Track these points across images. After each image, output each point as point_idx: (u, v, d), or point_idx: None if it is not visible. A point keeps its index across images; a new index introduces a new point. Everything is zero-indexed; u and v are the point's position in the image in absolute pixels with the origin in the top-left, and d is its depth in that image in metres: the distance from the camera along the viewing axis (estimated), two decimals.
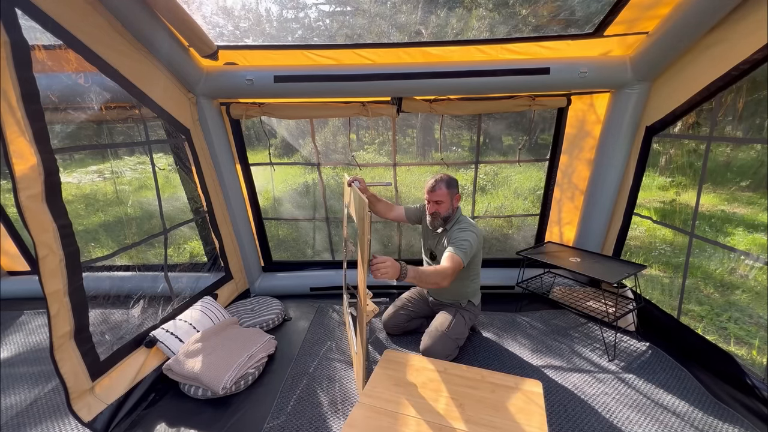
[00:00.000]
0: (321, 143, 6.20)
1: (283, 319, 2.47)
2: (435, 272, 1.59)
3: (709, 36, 1.70)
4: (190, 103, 2.21)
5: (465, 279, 2.01)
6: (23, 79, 1.25)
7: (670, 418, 1.62)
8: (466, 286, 2.04)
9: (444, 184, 1.88)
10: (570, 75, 2.06)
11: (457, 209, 1.98)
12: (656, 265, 3.74)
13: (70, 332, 1.45)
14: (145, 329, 1.92)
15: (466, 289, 2.05)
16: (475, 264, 2.01)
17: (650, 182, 5.40)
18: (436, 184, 1.89)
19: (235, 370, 1.80)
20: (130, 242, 1.99)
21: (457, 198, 1.94)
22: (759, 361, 2.29)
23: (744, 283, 3.22)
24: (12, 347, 2.30)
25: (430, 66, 2.12)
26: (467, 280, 2.02)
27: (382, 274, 1.37)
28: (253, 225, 2.79)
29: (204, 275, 2.53)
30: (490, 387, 1.35)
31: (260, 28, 5.27)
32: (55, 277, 1.38)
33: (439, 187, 1.88)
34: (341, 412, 1.69)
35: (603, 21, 1.83)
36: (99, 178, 6.38)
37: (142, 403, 1.75)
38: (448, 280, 1.61)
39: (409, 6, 3.87)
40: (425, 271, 1.56)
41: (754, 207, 4.73)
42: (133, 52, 1.77)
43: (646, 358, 2.01)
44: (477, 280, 2.09)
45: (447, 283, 1.61)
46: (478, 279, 2.10)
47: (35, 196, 1.31)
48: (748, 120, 4.16)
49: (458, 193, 1.94)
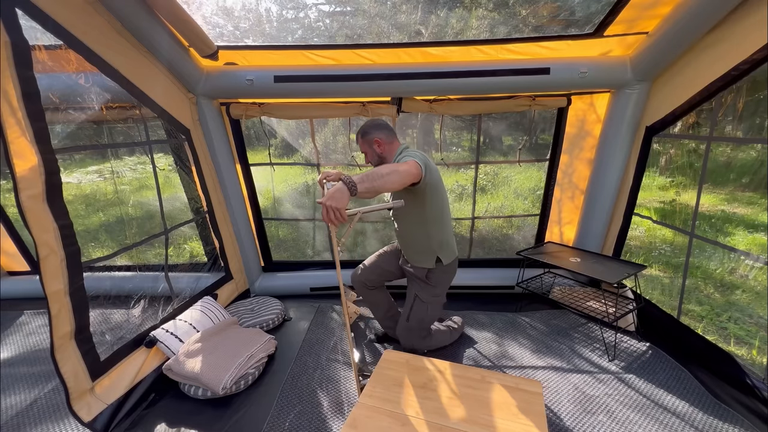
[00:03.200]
0: (321, 143, 6.20)
1: (283, 319, 2.47)
2: (386, 167, 1.38)
3: (709, 36, 1.70)
4: (190, 103, 2.21)
5: (428, 222, 1.71)
6: (24, 79, 1.25)
7: (670, 418, 1.62)
8: (429, 235, 1.74)
9: (359, 135, 1.77)
10: (570, 75, 2.06)
11: (397, 152, 1.73)
12: (656, 265, 3.74)
13: (70, 332, 1.45)
14: (145, 329, 1.92)
15: (430, 240, 1.75)
16: (438, 202, 1.70)
17: (650, 182, 5.39)
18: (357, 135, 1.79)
19: (235, 370, 1.80)
20: (131, 242, 1.99)
21: (379, 142, 1.72)
22: (759, 361, 2.29)
23: (744, 283, 3.22)
24: (12, 347, 2.30)
25: (430, 66, 2.12)
26: (431, 224, 1.72)
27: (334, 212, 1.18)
28: (253, 225, 2.79)
29: (204, 275, 2.53)
30: (490, 387, 1.35)
31: (260, 29, 5.27)
32: (56, 277, 1.38)
33: (357, 138, 1.80)
34: (341, 413, 1.69)
35: (603, 21, 1.83)
36: (99, 178, 6.38)
37: (142, 403, 1.75)
38: (402, 176, 1.39)
39: (409, 6, 3.87)
40: (375, 170, 1.34)
41: (754, 207, 4.73)
42: (133, 52, 1.77)
43: (646, 358, 2.01)
44: (442, 228, 1.77)
45: (401, 179, 1.39)
46: (444, 228, 1.77)
47: (36, 196, 1.31)
48: (748, 120, 4.16)
49: (381, 137, 1.72)
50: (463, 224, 3.94)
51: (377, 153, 1.76)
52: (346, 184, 1.24)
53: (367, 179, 1.29)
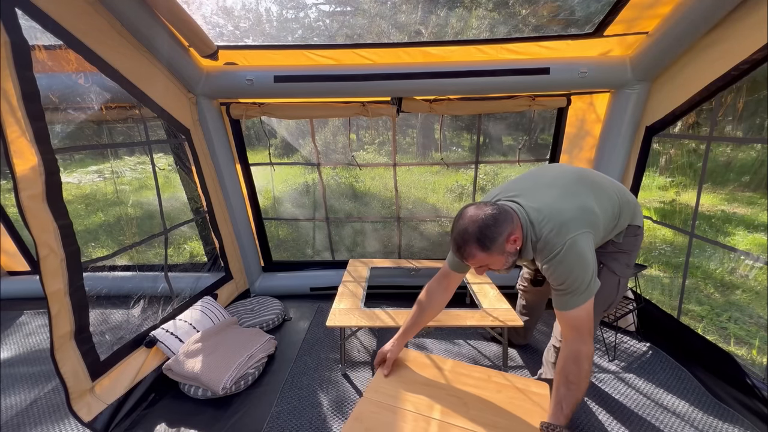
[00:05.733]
0: (321, 143, 6.20)
1: (283, 319, 2.47)
2: (572, 371, 1.08)
3: (709, 36, 1.70)
4: (190, 103, 2.21)
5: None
6: (24, 79, 1.25)
7: (670, 418, 1.62)
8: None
9: (476, 247, 1.12)
10: (570, 75, 2.06)
11: (526, 228, 1.18)
12: (656, 265, 3.74)
13: (70, 332, 1.45)
14: (145, 329, 1.92)
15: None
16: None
17: (650, 182, 5.39)
18: (464, 249, 1.14)
19: (235, 370, 1.80)
20: (131, 242, 1.99)
21: (514, 239, 1.15)
22: (759, 361, 2.29)
23: (744, 283, 3.22)
24: (12, 347, 2.30)
25: (430, 66, 2.11)
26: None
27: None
28: (253, 225, 2.79)
29: (204, 275, 2.53)
30: (496, 387, 1.34)
31: (260, 28, 5.27)
32: (56, 277, 1.38)
33: (470, 253, 1.14)
34: (341, 413, 1.69)
35: (603, 21, 1.83)
36: (99, 178, 6.38)
37: (142, 403, 1.75)
38: (589, 361, 1.10)
39: (409, 6, 3.87)
40: (562, 392, 1.08)
41: (754, 207, 4.73)
42: (133, 52, 1.77)
43: (646, 358, 2.01)
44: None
45: (590, 363, 1.11)
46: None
47: (36, 196, 1.31)
48: (748, 120, 4.16)
49: (512, 231, 1.14)
50: None
51: (514, 251, 1.18)
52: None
53: (564, 410, 1.06)
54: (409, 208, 5.45)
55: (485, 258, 1.14)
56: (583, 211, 1.17)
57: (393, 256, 3.03)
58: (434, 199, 5.73)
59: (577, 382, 1.09)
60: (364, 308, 1.97)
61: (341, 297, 2.05)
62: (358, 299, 2.03)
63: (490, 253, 1.12)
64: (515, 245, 1.16)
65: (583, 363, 1.09)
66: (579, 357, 1.10)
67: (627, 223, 1.38)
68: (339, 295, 2.06)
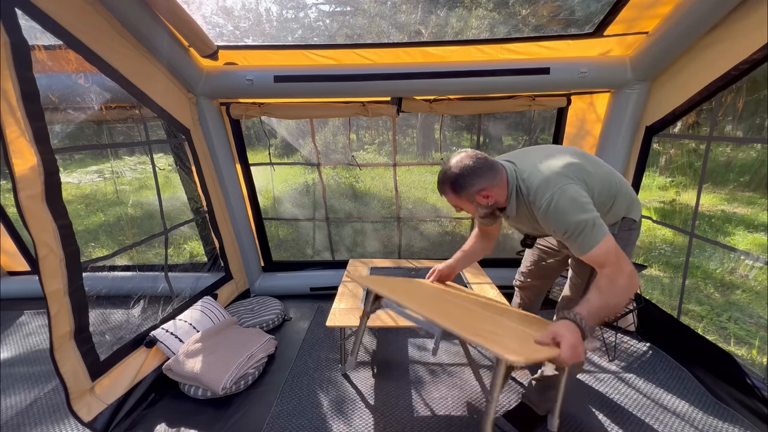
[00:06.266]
0: (321, 143, 6.20)
1: (283, 319, 2.47)
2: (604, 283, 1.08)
3: (709, 36, 1.69)
4: (190, 103, 2.21)
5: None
6: (23, 79, 1.25)
7: (670, 418, 1.62)
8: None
9: (449, 188, 1.28)
10: (570, 75, 2.06)
11: (512, 186, 1.26)
12: (656, 265, 3.74)
13: (70, 332, 1.45)
14: (145, 329, 1.92)
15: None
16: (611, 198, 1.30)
17: (650, 182, 5.40)
18: (440, 185, 1.32)
19: (235, 370, 1.80)
20: (131, 242, 1.99)
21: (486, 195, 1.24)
22: (759, 361, 2.29)
23: (744, 283, 3.22)
24: (12, 347, 2.30)
25: (430, 66, 2.11)
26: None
27: (576, 357, 0.96)
28: (253, 225, 2.79)
29: (204, 275, 2.53)
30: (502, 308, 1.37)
31: (260, 28, 5.27)
32: (56, 277, 1.38)
33: (445, 192, 1.31)
34: (341, 412, 1.69)
35: (603, 21, 1.83)
36: (99, 178, 6.38)
37: (142, 403, 1.75)
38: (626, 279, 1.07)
39: (409, 6, 3.87)
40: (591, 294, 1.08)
41: (754, 207, 4.74)
42: (133, 52, 1.77)
43: (646, 358, 2.01)
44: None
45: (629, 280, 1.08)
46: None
47: (35, 196, 1.31)
48: (748, 120, 4.16)
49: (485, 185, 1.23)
50: (463, 224, 3.94)
51: (486, 205, 1.28)
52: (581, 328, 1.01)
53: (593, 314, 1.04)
54: (409, 208, 5.45)
55: (455, 199, 1.31)
56: (575, 167, 1.22)
57: (393, 256, 3.04)
58: (434, 199, 5.73)
59: (608, 290, 1.07)
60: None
61: (341, 297, 2.05)
62: (358, 299, 2.03)
63: (459, 197, 1.28)
64: (486, 200, 1.27)
65: (617, 279, 1.07)
66: (613, 277, 1.08)
67: (623, 213, 1.40)
68: (339, 295, 2.07)
